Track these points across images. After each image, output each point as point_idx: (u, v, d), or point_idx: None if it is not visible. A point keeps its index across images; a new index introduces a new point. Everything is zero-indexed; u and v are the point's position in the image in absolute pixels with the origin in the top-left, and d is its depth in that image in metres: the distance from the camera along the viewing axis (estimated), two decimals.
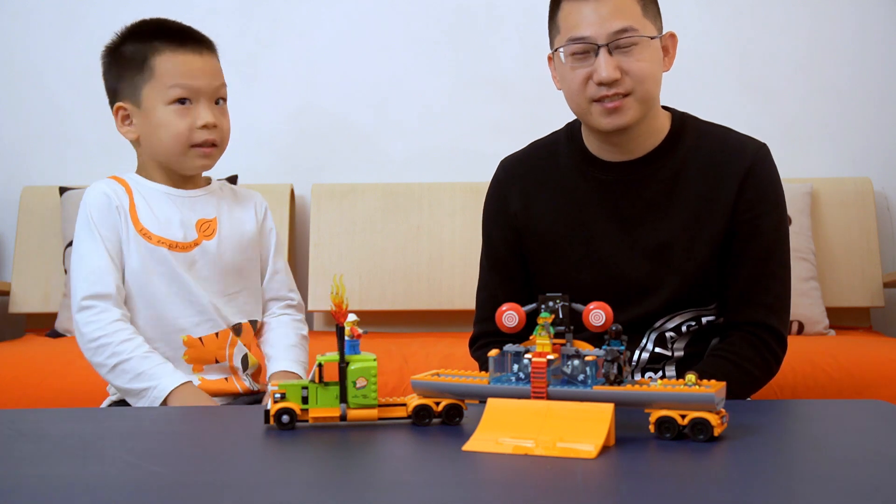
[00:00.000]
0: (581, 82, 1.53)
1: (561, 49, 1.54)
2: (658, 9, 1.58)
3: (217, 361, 1.67)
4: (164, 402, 1.55)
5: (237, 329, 1.71)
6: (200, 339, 1.66)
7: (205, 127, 1.65)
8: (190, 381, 1.59)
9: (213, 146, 1.68)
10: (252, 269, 1.76)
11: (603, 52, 1.50)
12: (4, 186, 3.14)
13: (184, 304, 1.65)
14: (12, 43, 3.16)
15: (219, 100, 1.69)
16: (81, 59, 3.10)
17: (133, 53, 1.66)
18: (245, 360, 1.71)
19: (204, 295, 1.66)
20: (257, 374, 1.76)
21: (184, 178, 1.72)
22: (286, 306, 1.81)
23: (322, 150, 3.19)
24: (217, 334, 1.68)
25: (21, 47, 3.16)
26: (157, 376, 1.57)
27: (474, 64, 3.18)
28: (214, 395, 1.64)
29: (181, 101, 1.64)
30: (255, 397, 1.72)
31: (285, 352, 1.74)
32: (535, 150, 1.71)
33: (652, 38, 1.53)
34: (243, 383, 1.70)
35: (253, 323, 1.74)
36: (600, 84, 1.51)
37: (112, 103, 1.70)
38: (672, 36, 1.60)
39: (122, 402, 1.65)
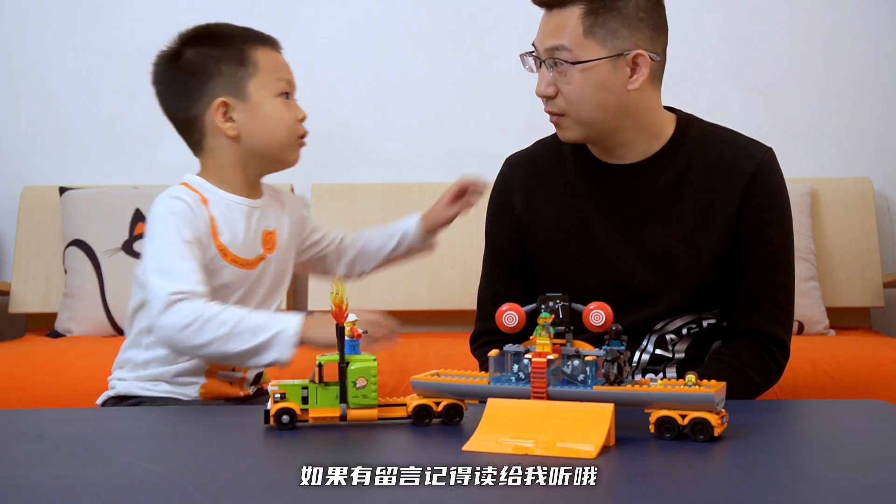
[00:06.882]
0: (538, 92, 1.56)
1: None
2: (622, 28, 1.47)
3: (233, 370, 1.65)
4: (300, 342, 1.46)
5: None
6: None
7: (301, 120, 1.70)
8: (312, 312, 1.58)
9: None
10: (289, 275, 1.76)
11: (542, 67, 1.52)
12: (4, 186, 3.13)
13: None
14: (12, 43, 3.15)
15: None
16: (81, 59, 3.10)
17: (227, 50, 1.67)
18: (258, 376, 1.71)
19: None
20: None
21: (253, 184, 1.70)
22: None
23: (322, 150, 3.18)
24: None
25: (21, 47, 3.15)
26: (277, 321, 1.48)
27: (474, 64, 3.17)
28: (217, 397, 1.63)
29: (284, 94, 1.68)
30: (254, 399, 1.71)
31: (385, 227, 1.93)
32: (541, 149, 1.70)
33: (581, 62, 1.46)
34: (246, 391, 1.69)
35: None
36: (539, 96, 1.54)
37: (180, 107, 1.64)
38: (639, 55, 1.47)
39: (118, 400, 1.64)
